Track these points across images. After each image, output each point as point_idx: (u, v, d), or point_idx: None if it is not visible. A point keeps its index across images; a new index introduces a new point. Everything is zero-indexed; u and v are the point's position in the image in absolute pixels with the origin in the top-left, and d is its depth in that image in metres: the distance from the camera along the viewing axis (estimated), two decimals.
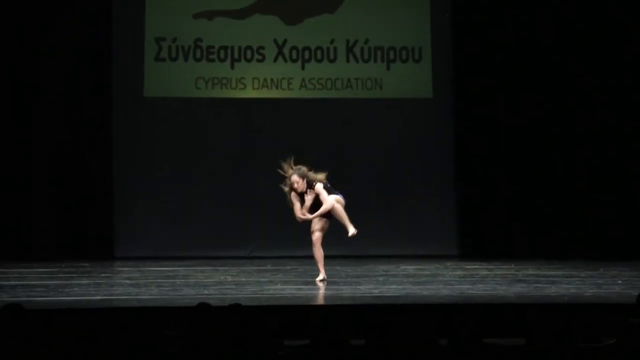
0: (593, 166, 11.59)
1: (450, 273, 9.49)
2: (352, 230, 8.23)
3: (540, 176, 11.76)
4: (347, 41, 12.23)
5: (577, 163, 11.65)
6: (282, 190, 8.51)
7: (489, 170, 11.93)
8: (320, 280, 8.36)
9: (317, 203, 8.34)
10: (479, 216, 11.90)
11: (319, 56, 12.20)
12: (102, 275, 9.31)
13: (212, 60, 12.08)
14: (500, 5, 11.86)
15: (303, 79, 12.15)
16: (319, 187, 8.28)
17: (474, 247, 11.77)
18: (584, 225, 11.55)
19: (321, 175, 8.37)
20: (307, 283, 8.34)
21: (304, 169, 8.35)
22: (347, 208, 8.63)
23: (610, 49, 11.53)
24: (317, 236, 8.34)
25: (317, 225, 8.38)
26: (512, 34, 11.75)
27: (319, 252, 8.39)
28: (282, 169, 8.47)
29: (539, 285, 8.01)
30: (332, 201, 8.21)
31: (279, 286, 8.05)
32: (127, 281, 8.57)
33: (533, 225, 11.74)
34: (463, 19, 11.97)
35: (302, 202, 8.31)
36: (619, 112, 11.52)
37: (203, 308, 4.64)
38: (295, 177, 8.29)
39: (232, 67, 12.12)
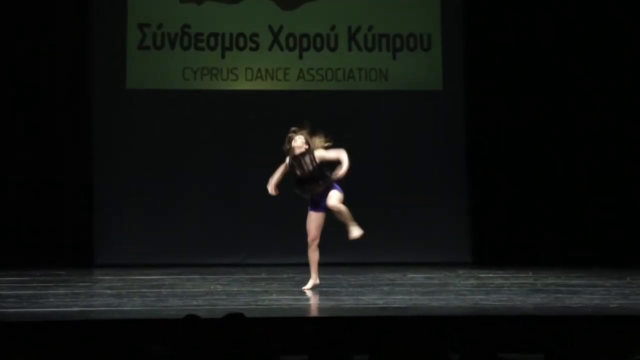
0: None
1: (462, 282, 9.50)
2: (356, 233, 8.30)
3: (561, 178, 11.89)
4: (349, 28, 12.24)
5: (601, 165, 11.85)
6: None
7: (505, 170, 11.97)
8: (310, 288, 8.43)
9: (316, 176, 8.43)
10: (493, 220, 11.92)
11: (318, 44, 12.20)
12: (81, 284, 9.32)
13: (201, 49, 12.09)
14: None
15: (301, 70, 12.16)
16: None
17: (488, 254, 11.79)
18: (608, 232, 11.66)
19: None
20: (305, 293, 8.35)
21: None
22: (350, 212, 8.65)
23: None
24: (312, 236, 8.40)
25: (312, 223, 8.44)
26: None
27: (313, 255, 8.46)
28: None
29: (559, 295, 8.01)
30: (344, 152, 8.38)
31: (274, 296, 8.06)
32: (108, 291, 8.57)
33: (553, 231, 11.78)
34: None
35: (292, 172, 8.46)
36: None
37: (191, 320, 4.64)
38: (302, 136, 8.45)
39: (223, 56, 12.13)
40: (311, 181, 8.44)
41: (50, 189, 11.62)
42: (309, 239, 8.46)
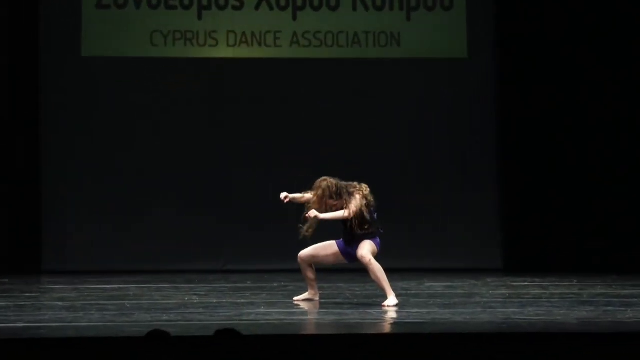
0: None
1: (491, 292, 9.52)
2: (391, 301, 8.30)
3: (605, 175, 12.01)
4: None
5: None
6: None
7: (542, 161, 12.01)
8: (303, 299, 8.50)
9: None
10: (528, 219, 11.95)
11: (315, 2, 12.20)
12: (27, 295, 9.33)
13: (173, 8, 12.08)
14: None
15: (295, 33, 12.15)
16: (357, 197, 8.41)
17: (522, 259, 11.81)
18: None
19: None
20: (300, 306, 8.38)
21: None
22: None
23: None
24: (303, 253, 8.43)
25: (322, 248, 8.46)
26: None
27: (304, 272, 8.51)
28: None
29: (609, 308, 8.02)
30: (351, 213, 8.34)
31: (262, 309, 8.07)
32: (60, 303, 8.58)
33: (600, 233, 11.82)
34: None
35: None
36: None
37: (158, 337, 4.64)
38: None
39: (200, 17, 12.12)
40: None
41: None
42: (299, 254, 8.44)
